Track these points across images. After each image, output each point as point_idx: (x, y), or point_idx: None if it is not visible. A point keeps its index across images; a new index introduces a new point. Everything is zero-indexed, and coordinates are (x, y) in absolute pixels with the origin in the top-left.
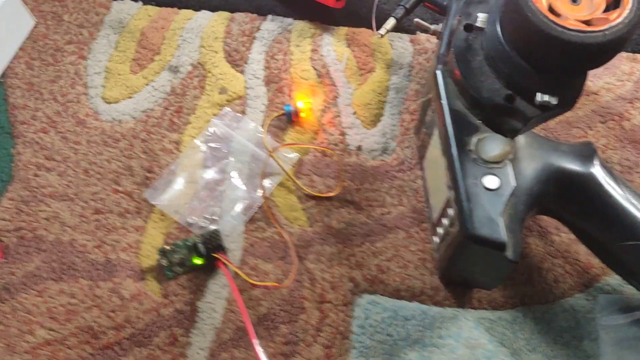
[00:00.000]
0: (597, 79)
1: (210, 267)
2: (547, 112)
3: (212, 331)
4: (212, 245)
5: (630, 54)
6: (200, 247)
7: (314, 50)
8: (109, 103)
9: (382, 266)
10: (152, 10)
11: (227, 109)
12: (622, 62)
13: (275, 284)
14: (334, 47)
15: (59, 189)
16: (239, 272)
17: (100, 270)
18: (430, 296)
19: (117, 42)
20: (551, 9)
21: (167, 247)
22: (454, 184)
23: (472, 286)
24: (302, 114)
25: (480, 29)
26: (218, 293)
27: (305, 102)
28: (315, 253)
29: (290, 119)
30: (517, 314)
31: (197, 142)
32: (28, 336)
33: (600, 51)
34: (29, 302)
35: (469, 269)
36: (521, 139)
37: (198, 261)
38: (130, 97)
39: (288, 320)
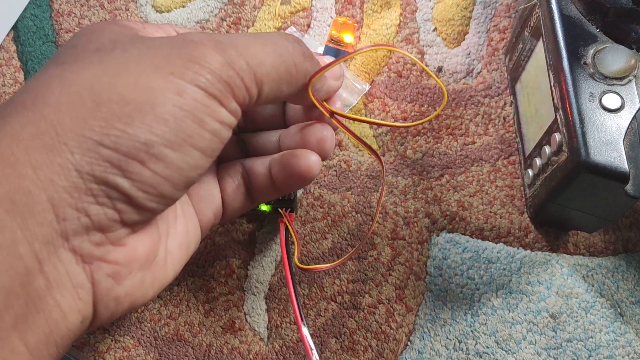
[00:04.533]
0: None
1: (275, 217)
2: None
3: (272, 264)
4: (283, 197)
5: None
6: None
7: None
8: (160, 12)
9: (464, 202)
10: None
11: (293, 28)
12: None
13: (325, 265)
14: None
15: None
16: (296, 243)
17: None
18: (518, 237)
19: None
20: None
21: None
22: (564, 103)
23: (570, 228)
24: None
25: None
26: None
27: (342, 25)
28: (387, 184)
29: (340, 52)
30: (619, 261)
31: None
32: None
33: None
34: None
35: (572, 206)
36: None
37: (264, 207)
38: (183, 6)
39: (356, 257)
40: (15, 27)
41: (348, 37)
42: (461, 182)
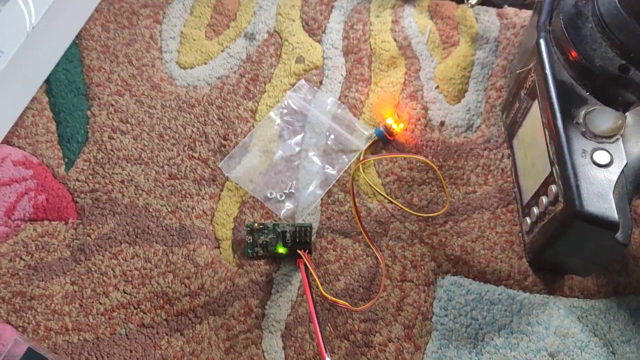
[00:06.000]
0: None
1: (291, 259)
2: None
3: (288, 304)
4: (300, 240)
5: None
6: (289, 237)
7: (394, 22)
8: (184, 68)
9: (467, 247)
10: None
11: (303, 81)
12: None
13: (348, 304)
14: (416, 18)
15: (133, 152)
16: (317, 278)
17: (175, 236)
18: (517, 281)
19: (192, 7)
20: None
21: (256, 225)
22: (559, 159)
23: (565, 272)
24: (397, 130)
25: None
26: (295, 266)
27: (395, 120)
28: (396, 230)
29: (385, 139)
30: (611, 303)
31: (272, 114)
32: (103, 298)
33: None
34: (104, 264)
35: (568, 252)
36: (629, 116)
37: (282, 250)
38: (205, 63)
39: (367, 298)
40: (47, 81)
41: (389, 120)
42: (464, 228)
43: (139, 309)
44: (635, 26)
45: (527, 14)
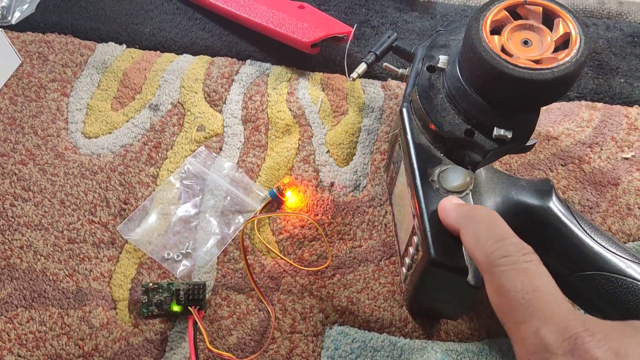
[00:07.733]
0: (557, 125)
1: (186, 317)
2: (504, 145)
3: None
4: (194, 297)
5: (590, 102)
6: (182, 295)
7: (290, 93)
8: (89, 138)
9: (352, 298)
10: (136, 52)
11: (202, 148)
12: (582, 109)
13: (232, 356)
14: (309, 90)
15: (34, 218)
16: (204, 332)
17: (71, 298)
18: (399, 328)
19: (99, 81)
20: (504, 50)
21: (151, 284)
22: (417, 212)
23: (438, 316)
24: (288, 200)
25: (442, 69)
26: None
27: (292, 192)
28: (287, 284)
29: (279, 200)
30: (483, 346)
31: (172, 179)
32: None
33: (549, 87)
34: None
35: (434, 296)
36: (482, 174)
37: (176, 308)
38: (110, 133)
39: (258, 350)
40: None
41: (289, 194)
42: (350, 280)
43: None
44: (475, 97)
45: None
